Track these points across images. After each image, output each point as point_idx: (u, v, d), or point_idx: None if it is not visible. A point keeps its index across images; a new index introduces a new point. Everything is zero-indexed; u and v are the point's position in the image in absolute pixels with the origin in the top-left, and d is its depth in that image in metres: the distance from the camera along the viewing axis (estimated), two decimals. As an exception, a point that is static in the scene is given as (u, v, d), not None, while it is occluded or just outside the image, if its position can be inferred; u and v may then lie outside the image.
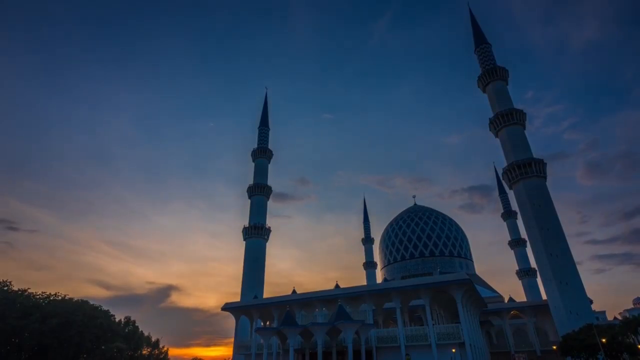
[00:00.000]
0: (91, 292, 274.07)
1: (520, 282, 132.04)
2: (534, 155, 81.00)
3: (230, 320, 77.84)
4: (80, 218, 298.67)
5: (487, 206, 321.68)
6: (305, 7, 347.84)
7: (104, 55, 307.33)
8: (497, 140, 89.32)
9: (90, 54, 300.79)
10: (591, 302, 73.92)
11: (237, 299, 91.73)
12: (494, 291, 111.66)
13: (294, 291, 76.42)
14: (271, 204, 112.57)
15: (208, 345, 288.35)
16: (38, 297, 73.91)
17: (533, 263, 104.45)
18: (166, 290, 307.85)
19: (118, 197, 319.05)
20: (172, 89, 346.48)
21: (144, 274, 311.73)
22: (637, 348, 47.85)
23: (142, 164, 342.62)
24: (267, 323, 74.95)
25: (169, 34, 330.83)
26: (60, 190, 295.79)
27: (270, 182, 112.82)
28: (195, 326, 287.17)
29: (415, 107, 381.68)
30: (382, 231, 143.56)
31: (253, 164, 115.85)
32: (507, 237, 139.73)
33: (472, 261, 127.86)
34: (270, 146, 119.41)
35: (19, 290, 72.40)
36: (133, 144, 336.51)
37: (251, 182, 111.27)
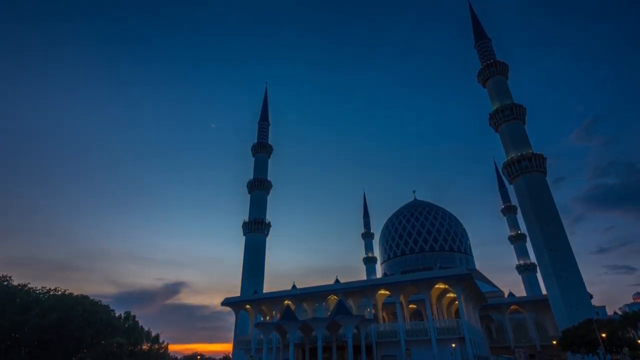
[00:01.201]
0: (101, 290, 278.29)
1: (520, 277, 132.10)
2: (534, 150, 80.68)
3: (233, 317, 77.91)
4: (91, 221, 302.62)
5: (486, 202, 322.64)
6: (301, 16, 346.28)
7: (111, 62, 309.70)
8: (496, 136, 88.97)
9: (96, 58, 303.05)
10: (591, 297, 73.83)
11: (239, 294, 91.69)
12: (494, 286, 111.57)
13: (293, 286, 76.32)
14: (271, 199, 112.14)
15: (211, 341, 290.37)
16: (38, 292, 73.68)
17: (533, 258, 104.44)
18: (172, 288, 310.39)
19: (127, 200, 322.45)
20: (173, 92, 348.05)
21: (151, 273, 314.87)
22: (637, 343, 47.76)
23: (147, 168, 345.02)
24: (267, 318, 74.96)
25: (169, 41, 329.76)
26: (74, 199, 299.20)
27: (270, 177, 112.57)
28: (199, 322, 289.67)
29: (417, 107, 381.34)
30: (382, 226, 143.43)
31: (253, 159, 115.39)
32: (507, 232, 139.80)
33: (472, 256, 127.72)
34: (270, 141, 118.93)
35: (18, 285, 72.05)
36: (138, 149, 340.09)
37: (251, 177, 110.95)
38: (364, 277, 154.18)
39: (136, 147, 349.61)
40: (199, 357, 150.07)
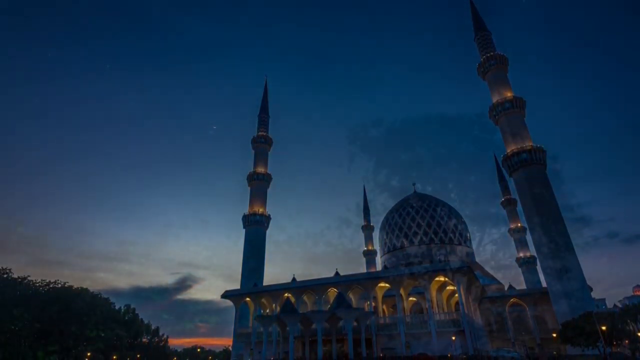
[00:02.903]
0: (112, 286, 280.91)
1: (520, 269, 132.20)
2: (534, 143, 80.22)
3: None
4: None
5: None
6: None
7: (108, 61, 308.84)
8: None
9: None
10: (591, 289, 73.83)
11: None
12: (494, 279, 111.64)
13: (293, 279, 76.20)
14: (271, 192, 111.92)
15: (215, 336, 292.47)
16: (38, 284, 73.37)
17: (533, 251, 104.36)
18: (178, 284, 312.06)
19: (135, 201, 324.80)
20: (173, 90, 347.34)
21: (157, 270, 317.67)
22: (637, 335, 47.75)
23: (151, 170, 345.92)
24: (267, 311, 75.00)
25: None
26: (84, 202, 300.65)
27: (270, 170, 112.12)
28: (203, 317, 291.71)
29: (417, 100, 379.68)
30: (382, 218, 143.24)
31: (253, 152, 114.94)
32: (507, 225, 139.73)
33: (472, 249, 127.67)
34: (270, 134, 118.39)
35: (18, 277, 71.73)
36: (144, 155, 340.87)
37: (251, 169, 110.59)
38: (364, 270, 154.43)
39: (137, 145, 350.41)
40: (199, 349, 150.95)
